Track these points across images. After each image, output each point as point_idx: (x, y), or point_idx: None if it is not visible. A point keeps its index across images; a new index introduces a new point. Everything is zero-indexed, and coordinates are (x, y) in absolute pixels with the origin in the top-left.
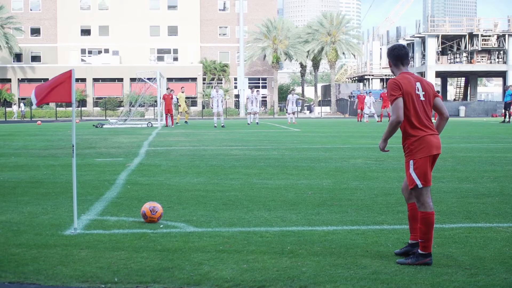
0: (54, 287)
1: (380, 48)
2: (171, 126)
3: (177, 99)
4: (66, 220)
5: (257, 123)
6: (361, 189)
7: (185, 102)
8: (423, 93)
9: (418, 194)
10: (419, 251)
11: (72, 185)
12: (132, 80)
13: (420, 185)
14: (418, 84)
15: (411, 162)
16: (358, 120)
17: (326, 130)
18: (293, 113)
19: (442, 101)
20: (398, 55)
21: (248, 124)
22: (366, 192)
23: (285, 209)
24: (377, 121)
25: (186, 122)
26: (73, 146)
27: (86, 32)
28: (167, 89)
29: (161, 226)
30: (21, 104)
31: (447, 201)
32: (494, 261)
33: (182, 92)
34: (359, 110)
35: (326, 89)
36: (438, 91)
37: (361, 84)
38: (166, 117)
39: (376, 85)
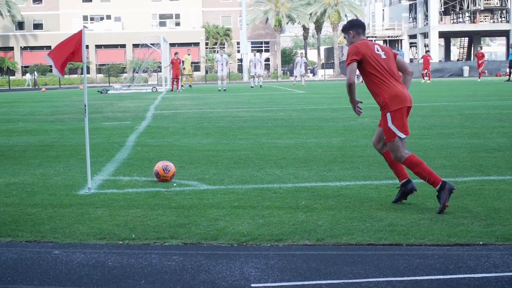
0: (71, 244)
1: (383, 10)
2: (178, 90)
3: (183, 62)
4: (79, 181)
5: (261, 86)
6: (370, 146)
7: (190, 65)
8: (383, 52)
9: (396, 147)
10: (436, 189)
11: (82, 148)
12: (135, 46)
13: (402, 135)
14: (377, 46)
15: (388, 115)
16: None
17: (331, 92)
18: (302, 75)
19: (400, 57)
20: (360, 24)
21: (252, 87)
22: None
23: (297, 167)
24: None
25: (190, 86)
26: (85, 106)
27: None
28: (175, 53)
29: (174, 184)
30: (34, 72)
31: (458, 156)
32: (509, 211)
33: (188, 55)
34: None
35: (329, 52)
36: (400, 51)
37: None
38: (173, 82)
39: None
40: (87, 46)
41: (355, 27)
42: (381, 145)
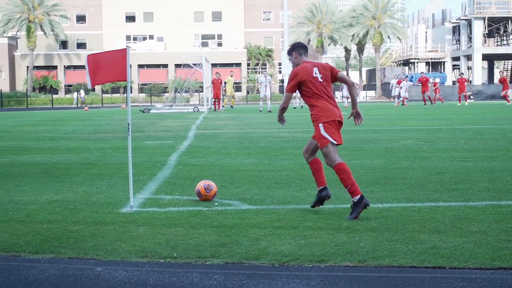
0: (113, 262)
1: (425, 32)
2: (219, 110)
3: (225, 83)
4: (121, 199)
5: (302, 106)
6: (413, 168)
7: (232, 86)
8: (321, 75)
9: (328, 152)
10: (353, 200)
11: (124, 166)
12: (177, 66)
13: (333, 141)
14: (315, 69)
15: (321, 125)
16: (396, 104)
17: (373, 113)
18: (347, 97)
19: (342, 73)
20: (302, 46)
21: (262, 110)
22: (419, 171)
23: (339, 188)
24: (399, 104)
25: (231, 106)
26: (128, 124)
27: (131, 18)
28: (216, 73)
29: (216, 204)
30: (81, 91)
31: (502, 179)
32: None
33: (231, 76)
34: (427, 93)
35: (371, 74)
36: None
37: (406, 68)
38: (215, 102)
39: (421, 68)
40: (129, 66)
41: (297, 49)
42: (309, 154)
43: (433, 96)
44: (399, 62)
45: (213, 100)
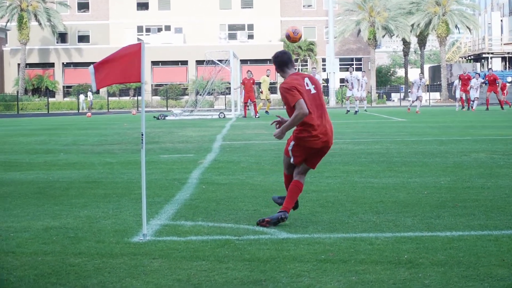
0: None
1: (501, 20)
2: (253, 116)
3: (259, 83)
4: (132, 225)
5: (356, 112)
6: (488, 187)
7: (268, 88)
8: (313, 86)
9: (285, 161)
10: (279, 211)
11: (135, 185)
12: (199, 63)
13: (292, 161)
14: (306, 80)
15: (292, 142)
16: (462, 108)
17: (438, 120)
18: (419, 100)
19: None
20: (282, 62)
21: (348, 111)
22: (495, 192)
23: (397, 212)
24: (467, 109)
25: (266, 112)
26: (142, 134)
27: (143, 6)
28: (247, 72)
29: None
30: (89, 93)
31: None
32: None
33: (267, 76)
34: (460, 93)
35: (435, 71)
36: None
37: (478, 64)
38: (245, 106)
39: (496, 65)
40: None
41: (277, 66)
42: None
43: (502, 99)
44: (469, 58)
45: (243, 104)
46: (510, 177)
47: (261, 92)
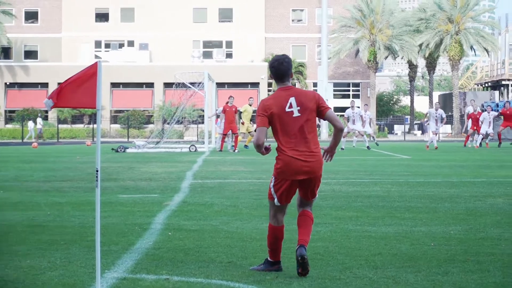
0: None
1: None
2: (231, 151)
3: (240, 112)
4: (84, 279)
5: (368, 147)
6: (506, 239)
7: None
8: (298, 108)
9: (270, 208)
10: (266, 259)
11: (89, 230)
12: (167, 85)
13: (277, 202)
14: (292, 100)
15: (272, 178)
16: (464, 145)
17: (449, 158)
18: (436, 134)
19: (332, 112)
20: (275, 73)
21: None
22: None
23: (398, 267)
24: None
25: (246, 146)
26: (97, 171)
27: (102, 17)
28: (229, 97)
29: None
30: (38, 119)
31: None
32: None
33: (250, 105)
34: (470, 131)
35: (446, 100)
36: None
37: (496, 92)
38: (224, 138)
39: None
40: None
41: (271, 73)
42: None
43: None
44: (486, 85)
45: (221, 135)
46: None
47: (242, 124)
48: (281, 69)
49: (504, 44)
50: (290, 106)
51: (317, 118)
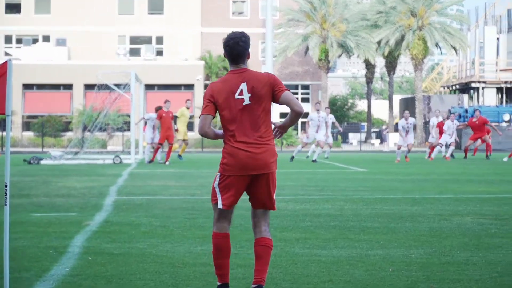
0: None
1: (497, 38)
2: (163, 162)
3: (176, 117)
4: None
5: (326, 157)
6: (474, 263)
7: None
8: (249, 95)
9: (214, 211)
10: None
11: None
12: (88, 87)
13: (220, 204)
14: (242, 86)
15: (217, 175)
16: (428, 156)
17: (411, 171)
18: (408, 147)
19: (289, 94)
20: (229, 53)
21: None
22: (484, 269)
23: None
24: (444, 157)
25: (180, 156)
26: (6, 186)
27: (13, 8)
28: (165, 102)
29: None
30: None
31: None
32: None
33: (187, 108)
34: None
35: (408, 104)
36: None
37: (466, 96)
38: (157, 148)
39: (490, 97)
40: None
41: (226, 52)
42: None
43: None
44: (454, 87)
45: (158, 145)
46: (504, 249)
47: (176, 131)
48: (236, 48)
49: (474, 41)
50: (241, 93)
51: None
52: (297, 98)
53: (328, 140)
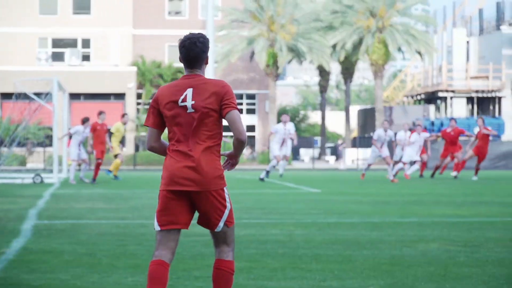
0: None
1: (467, 42)
2: (88, 181)
3: (111, 133)
4: None
5: (281, 174)
6: None
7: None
8: (193, 102)
9: (156, 234)
10: None
11: None
12: (4, 96)
13: (156, 225)
14: (188, 92)
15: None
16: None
17: (370, 192)
18: (386, 161)
19: (236, 115)
20: (185, 56)
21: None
22: None
23: None
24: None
25: (115, 177)
26: None
27: None
28: (100, 113)
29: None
30: None
31: None
32: None
33: (124, 124)
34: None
35: (367, 117)
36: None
37: (432, 106)
38: (99, 165)
39: (459, 108)
40: None
41: (181, 55)
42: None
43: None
44: (419, 97)
45: (97, 161)
46: (473, 279)
47: (111, 148)
48: (194, 50)
49: (441, 45)
50: (185, 99)
51: None
52: (242, 110)
53: (288, 152)
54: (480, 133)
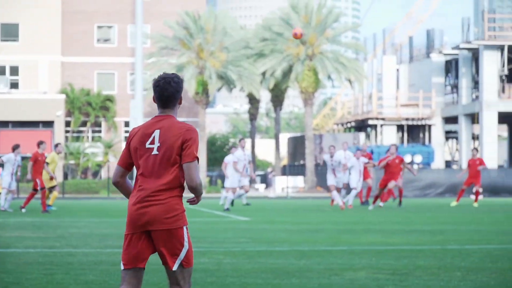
0: None
1: (397, 70)
2: (45, 211)
3: (47, 163)
4: None
5: (248, 203)
6: None
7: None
8: (158, 145)
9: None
10: None
11: None
12: None
13: (121, 264)
14: (155, 134)
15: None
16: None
17: (299, 220)
18: (340, 189)
19: (191, 166)
20: (158, 95)
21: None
22: None
23: None
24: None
25: (49, 206)
26: None
27: None
28: (40, 143)
29: None
30: None
31: None
32: None
33: (58, 153)
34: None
35: (297, 144)
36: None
37: (363, 134)
38: (44, 193)
39: (389, 136)
40: None
41: (155, 94)
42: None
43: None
44: (349, 125)
45: (42, 190)
46: None
47: (51, 179)
48: (168, 90)
49: (372, 72)
50: (152, 142)
51: None
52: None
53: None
54: (393, 161)
